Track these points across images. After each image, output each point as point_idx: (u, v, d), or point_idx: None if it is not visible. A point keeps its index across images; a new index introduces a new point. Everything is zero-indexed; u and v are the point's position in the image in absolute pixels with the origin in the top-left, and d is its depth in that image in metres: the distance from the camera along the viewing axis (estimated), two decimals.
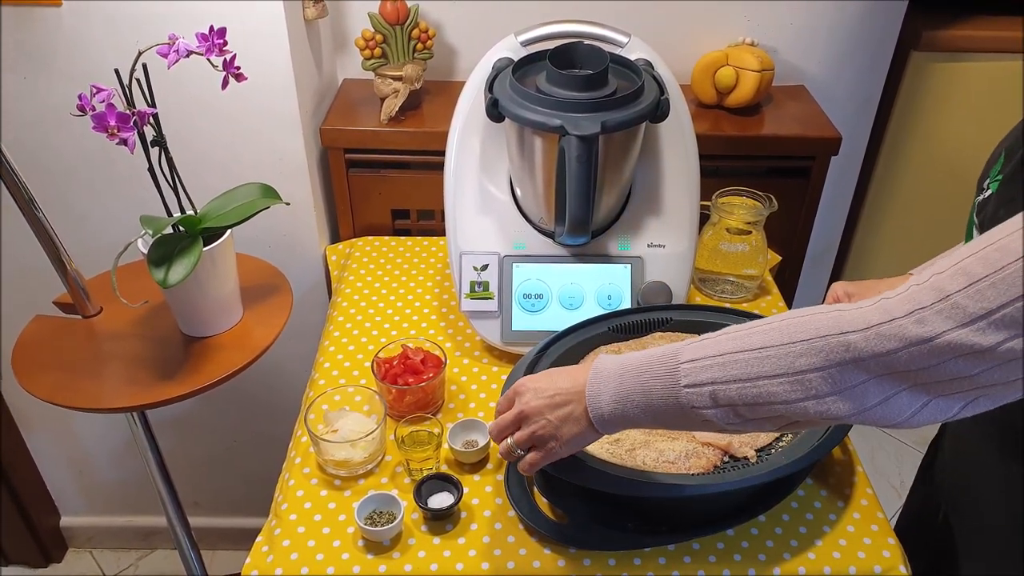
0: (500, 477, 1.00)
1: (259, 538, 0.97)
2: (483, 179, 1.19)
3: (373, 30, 1.36)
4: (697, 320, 1.11)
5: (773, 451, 0.95)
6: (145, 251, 1.04)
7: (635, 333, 1.11)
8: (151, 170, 1.02)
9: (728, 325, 0.71)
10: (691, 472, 0.92)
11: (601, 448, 0.94)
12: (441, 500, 0.97)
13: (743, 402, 0.65)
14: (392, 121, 1.39)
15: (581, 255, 1.18)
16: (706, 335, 0.69)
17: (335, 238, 1.53)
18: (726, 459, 0.95)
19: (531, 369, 0.99)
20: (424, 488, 0.97)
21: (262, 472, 1.56)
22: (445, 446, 1.03)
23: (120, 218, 1.38)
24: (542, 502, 0.96)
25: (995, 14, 1.69)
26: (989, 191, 0.79)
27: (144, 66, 0.97)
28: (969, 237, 0.82)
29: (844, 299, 1.00)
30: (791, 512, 0.97)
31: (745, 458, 0.95)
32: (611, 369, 0.72)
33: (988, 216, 0.78)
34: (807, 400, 0.62)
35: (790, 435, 0.97)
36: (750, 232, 1.26)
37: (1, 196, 1.26)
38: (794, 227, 1.50)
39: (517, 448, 0.79)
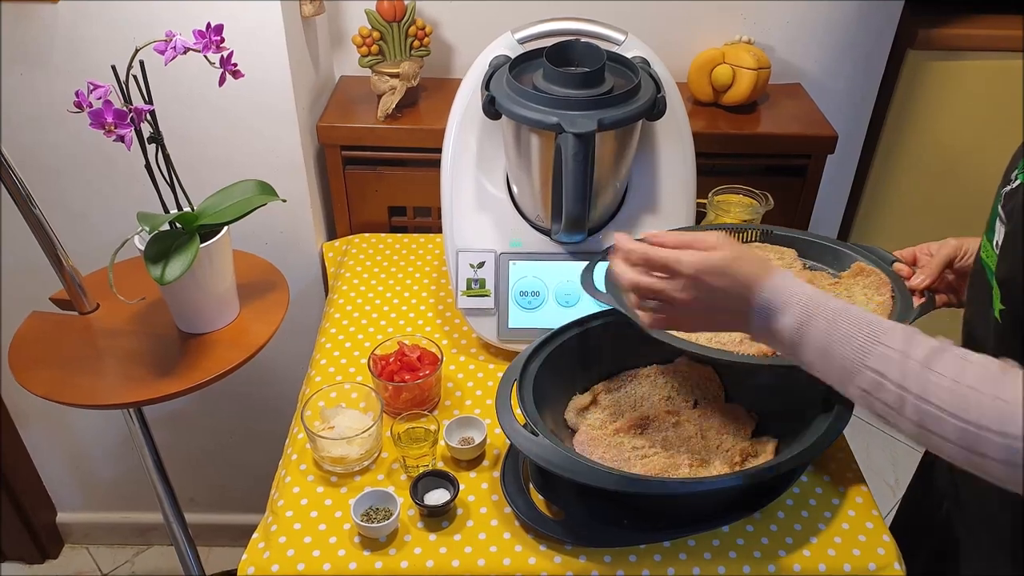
0: (496, 474, 1.00)
1: (255, 535, 0.97)
2: (480, 176, 1.19)
3: (370, 27, 1.36)
4: (794, 236, 1.10)
5: None
6: (142, 248, 1.04)
7: None
8: (148, 167, 1.02)
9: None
10: (744, 353, 0.91)
11: None
12: (437, 497, 0.97)
13: (893, 405, 0.67)
14: (389, 118, 1.39)
15: (577, 252, 1.18)
16: (914, 327, 0.70)
17: (332, 235, 1.53)
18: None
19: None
20: (420, 485, 0.97)
21: (258, 469, 1.55)
22: (441, 443, 1.03)
23: (117, 215, 1.38)
24: (538, 499, 0.96)
25: (991, 13, 1.69)
26: (1018, 181, 0.78)
27: (141, 63, 0.97)
28: (991, 227, 0.81)
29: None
30: (786, 509, 0.98)
31: None
32: (825, 303, 0.72)
33: (1017, 206, 0.77)
34: (932, 437, 0.66)
35: None
36: None
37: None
38: (790, 225, 1.50)
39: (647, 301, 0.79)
